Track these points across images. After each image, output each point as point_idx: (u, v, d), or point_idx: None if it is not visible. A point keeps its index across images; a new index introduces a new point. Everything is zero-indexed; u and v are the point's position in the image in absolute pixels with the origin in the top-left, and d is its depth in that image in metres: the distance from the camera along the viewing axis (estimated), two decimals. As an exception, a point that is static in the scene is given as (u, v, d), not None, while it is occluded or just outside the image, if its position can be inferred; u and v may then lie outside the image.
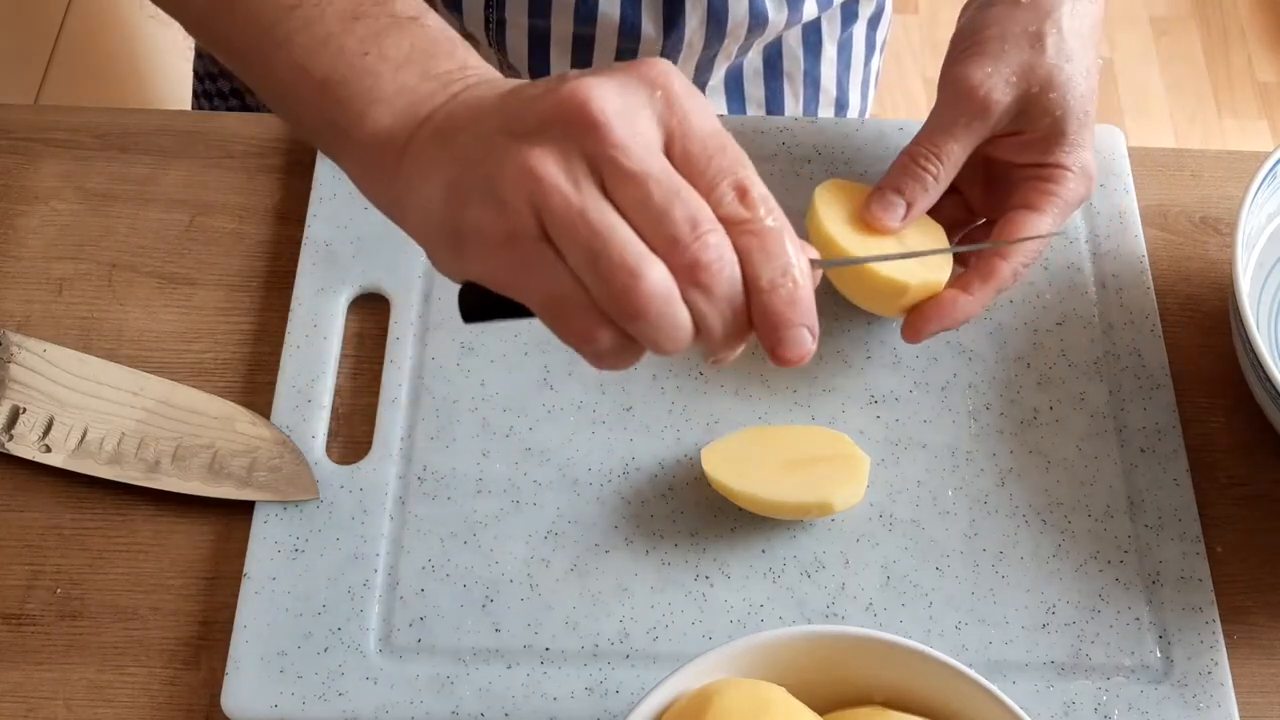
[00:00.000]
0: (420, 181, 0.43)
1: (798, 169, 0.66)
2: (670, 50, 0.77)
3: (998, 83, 0.56)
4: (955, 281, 0.57)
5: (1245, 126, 1.80)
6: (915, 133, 0.58)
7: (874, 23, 0.86)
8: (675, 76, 0.41)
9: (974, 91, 0.56)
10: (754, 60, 0.82)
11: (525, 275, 0.41)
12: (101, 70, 1.32)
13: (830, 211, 0.58)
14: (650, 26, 0.75)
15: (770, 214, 0.41)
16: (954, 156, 0.57)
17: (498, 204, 0.40)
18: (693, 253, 0.39)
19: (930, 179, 0.57)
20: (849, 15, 0.83)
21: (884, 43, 0.89)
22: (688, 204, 0.40)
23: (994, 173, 0.60)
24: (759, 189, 0.41)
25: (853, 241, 0.57)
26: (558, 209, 0.40)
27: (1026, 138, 0.58)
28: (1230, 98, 1.82)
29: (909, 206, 0.57)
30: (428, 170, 0.43)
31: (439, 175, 0.43)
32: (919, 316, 0.57)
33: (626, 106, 0.40)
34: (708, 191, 0.40)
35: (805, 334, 0.42)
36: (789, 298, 0.41)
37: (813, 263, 0.42)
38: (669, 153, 0.41)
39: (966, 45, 0.58)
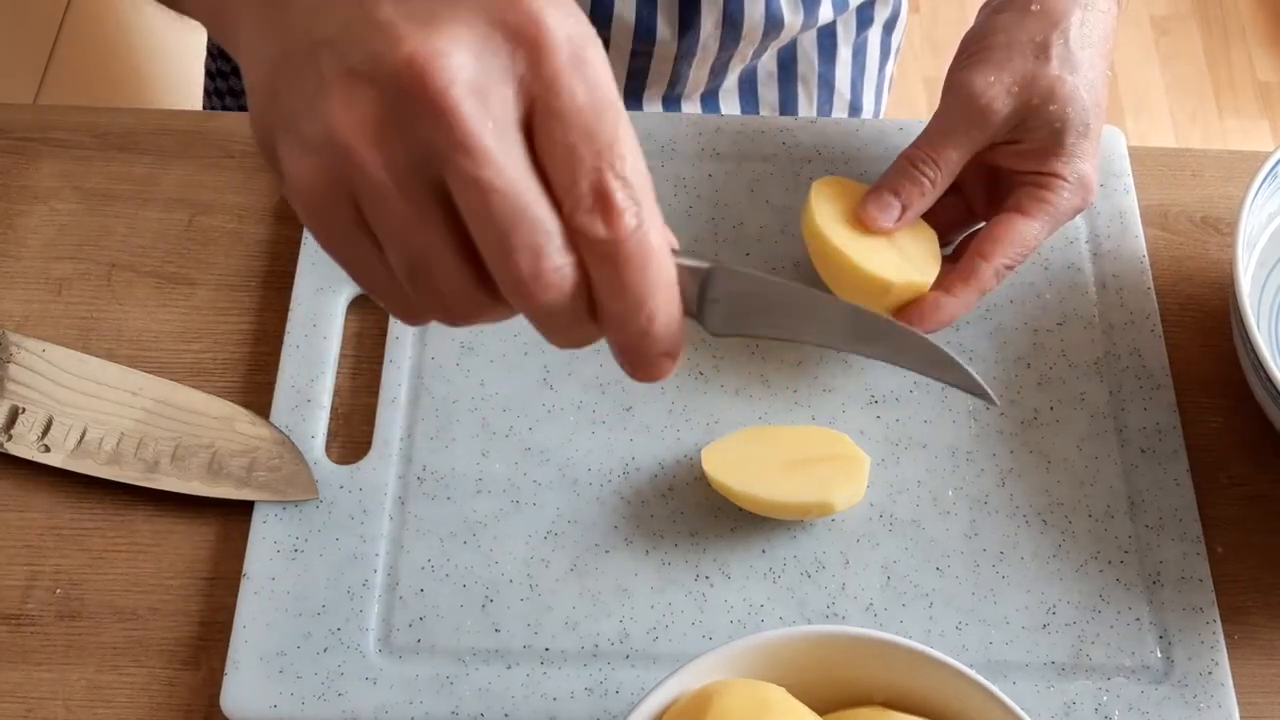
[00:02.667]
0: (247, 33, 0.36)
1: (798, 169, 0.66)
2: (685, 52, 0.77)
3: (999, 92, 0.56)
4: (937, 283, 0.57)
5: (1246, 126, 1.80)
6: (915, 133, 0.59)
7: (889, 27, 0.86)
8: (550, 17, 0.34)
9: (975, 100, 0.56)
10: (768, 63, 0.82)
11: (333, 247, 0.36)
12: (101, 70, 1.32)
13: (826, 208, 0.58)
14: (665, 29, 0.75)
15: (633, 225, 0.34)
16: (952, 163, 0.57)
17: (311, 154, 0.34)
18: (531, 293, 0.34)
19: (927, 183, 0.57)
20: (864, 19, 0.83)
21: (899, 47, 0.89)
22: (533, 227, 0.33)
23: (995, 176, 0.60)
24: (622, 192, 0.34)
25: (845, 239, 0.57)
26: (374, 205, 0.34)
27: (1025, 147, 0.58)
28: (1231, 97, 1.82)
29: (904, 209, 0.57)
30: (256, 27, 0.36)
31: (264, 46, 0.36)
32: (903, 317, 0.57)
33: (480, 77, 0.33)
34: (565, 191, 0.34)
35: (663, 362, 0.37)
36: (641, 333, 0.36)
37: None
38: (529, 130, 0.34)
39: (973, 51, 0.58)
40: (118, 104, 0.97)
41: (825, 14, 0.79)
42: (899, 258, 0.57)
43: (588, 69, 0.34)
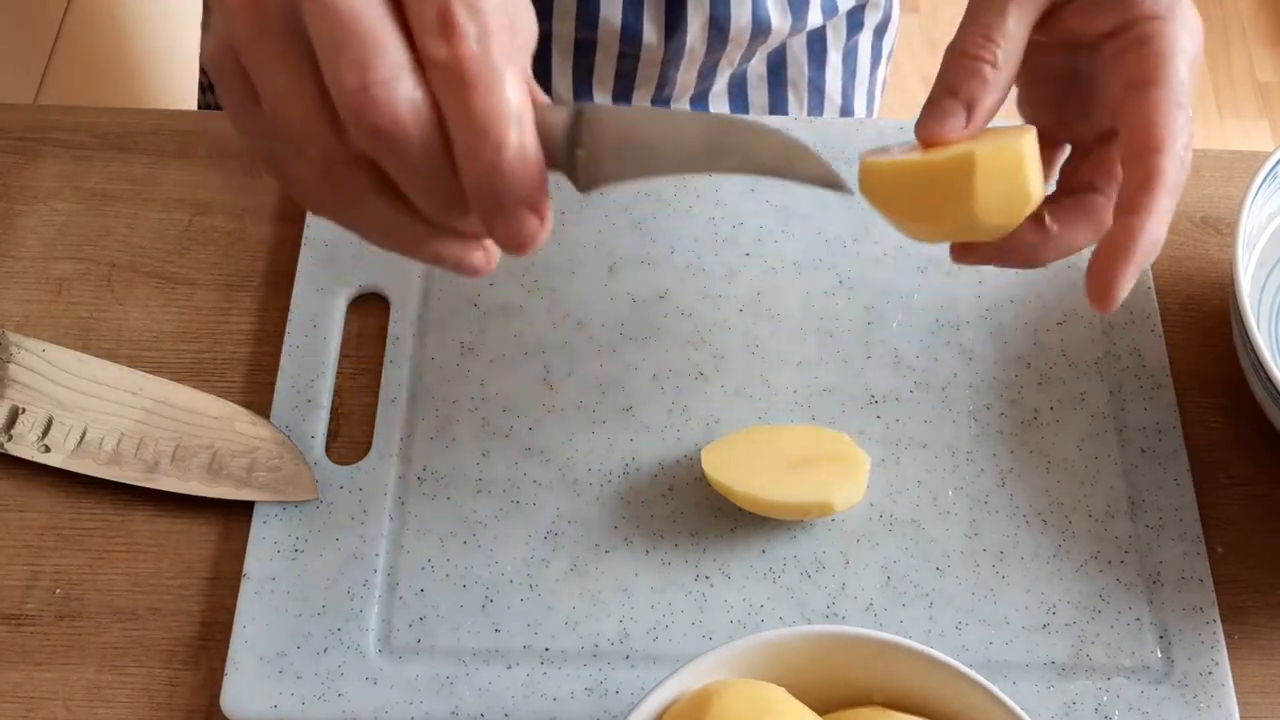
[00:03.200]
0: None
1: (798, 169, 0.66)
2: (673, 55, 0.77)
3: None
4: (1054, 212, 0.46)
5: (1246, 126, 1.80)
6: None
7: (880, 32, 0.85)
8: None
9: None
10: (758, 67, 0.82)
11: (232, 115, 0.36)
12: (101, 70, 1.32)
13: (880, 157, 0.47)
14: (651, 33, 0.75)
15: (475, 48, 0.33)
16: (1011, 35, 0.45)
17: (213, 29, 0.35)
18: (360, 109, 0.33)
19: (988, 68, 0.45)
20: (854, 24, 0.83)
21: (891, 52, 0.89)
22: (363, 43, 0.33)
23: (1073, 75, 0.49)
24: (465, 14, 0.33)
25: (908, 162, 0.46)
26: (245, 55, 0.35)
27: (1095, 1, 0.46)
28: (1231, 97, 1.82)
29: (970, 109, 0.46)
30: None
31: None
32: (1096, 264, 0.44)
33: None
34: (414, 18, 0.33)
35: (524, 215, 0.35)
36: (490, 167, 0.34)
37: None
38: None
39: None
40: (118, 104, 0.97)
41: (814, 18, 0.78)
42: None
43: None
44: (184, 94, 1.32)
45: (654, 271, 0.63)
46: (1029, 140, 0.44)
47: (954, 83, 0.46)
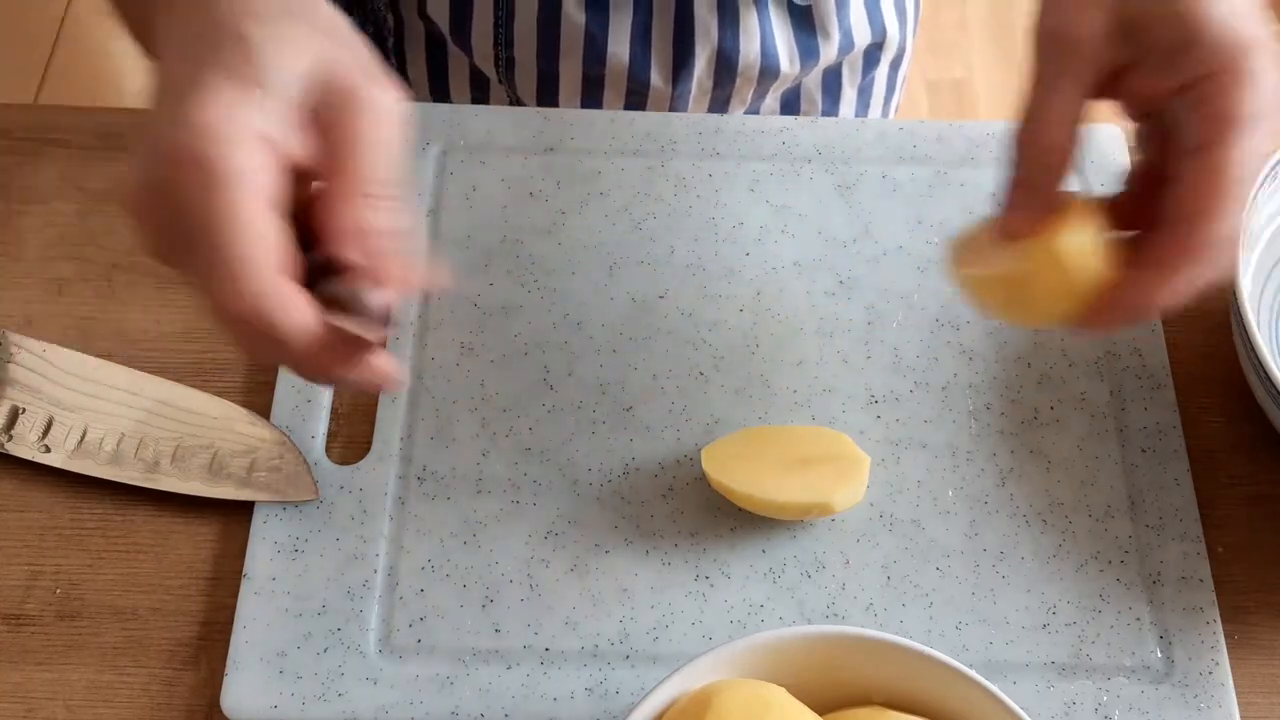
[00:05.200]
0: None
1: (798, 169, 0.66)
2: (680, 92, 0.76)
3: (1082, 8, 0.45)
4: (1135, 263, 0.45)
5: (1245, 126, 1.79)
6: (915, 131, 0.58)
7: (896, 64, 0.84)
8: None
9: (1056, 31, 0.46)
10: (770, 104, 0.81)
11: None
12: (101, 70, 1.32)
13: (978, 274, 0.49)
14: (658, 76, 0.75)
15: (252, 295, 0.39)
16: (1060, 109, 0.45)
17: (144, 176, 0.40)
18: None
19: (1042, 148, 0.46)
20: (871, 60, 0.81)
21: (905, 79, 0.88)
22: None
23: (1161, 132, 0.47)
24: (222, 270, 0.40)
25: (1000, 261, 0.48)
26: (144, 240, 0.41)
27: (1152, 61, 0.45)
28: (1230, 98, 1.82)
29: (1034, 191, 0.46)
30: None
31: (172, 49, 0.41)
32: (1085, 314, 0.46)
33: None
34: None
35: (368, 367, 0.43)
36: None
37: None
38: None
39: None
40: (118, 104, 0.97)
41: (828, 56, 0.78)
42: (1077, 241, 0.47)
43: None
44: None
45: (654, 271, 0.63)
46: (1093, 231, 0.47)
47: (1018, 172, 0.46)
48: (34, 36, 1.19)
